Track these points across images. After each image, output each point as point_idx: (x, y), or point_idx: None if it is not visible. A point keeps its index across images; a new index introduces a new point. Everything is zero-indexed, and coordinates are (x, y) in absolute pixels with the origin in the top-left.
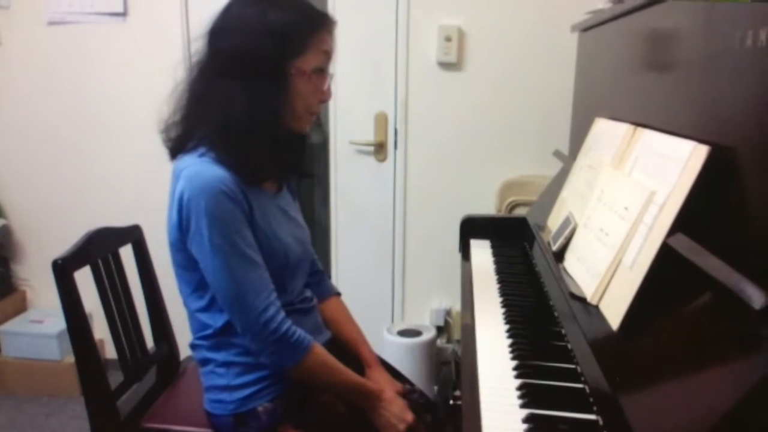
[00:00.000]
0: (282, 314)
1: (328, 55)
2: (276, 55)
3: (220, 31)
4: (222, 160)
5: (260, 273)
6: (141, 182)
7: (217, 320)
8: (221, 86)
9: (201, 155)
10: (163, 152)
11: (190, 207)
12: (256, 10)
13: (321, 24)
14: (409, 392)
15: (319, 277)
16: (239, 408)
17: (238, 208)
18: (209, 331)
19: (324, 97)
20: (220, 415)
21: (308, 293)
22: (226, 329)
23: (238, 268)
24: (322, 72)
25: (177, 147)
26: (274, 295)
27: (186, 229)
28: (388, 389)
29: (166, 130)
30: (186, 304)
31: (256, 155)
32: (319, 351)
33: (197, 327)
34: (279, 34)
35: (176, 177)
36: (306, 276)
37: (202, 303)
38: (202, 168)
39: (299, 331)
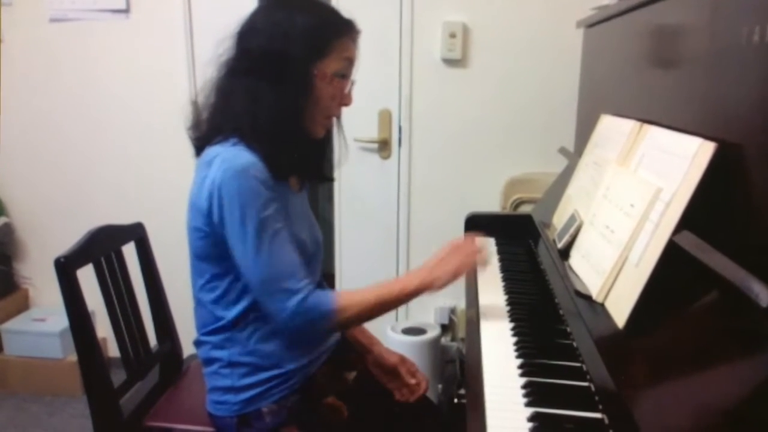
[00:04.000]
0: (311, 295)
1: (350, 61)
2: (301, 57)
3: (248, 33)
4: (253, 150)
5: (292, 256)
6: (144, 180)
7: (229, 312)
8: (249, 85)
9: (234, 144)
10: (165, 150)
11: (223, 193)
12: (284, 14)
13: (345, 30)
14: None
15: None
16: (243, 409)
17: (271, 193)
18: (220, 324)
19: (345, 101)
20: (223, 417)
21: None
22: (237, 322)
23: (271, 250)
24: (343, 77)
25: (203, 143)
26: (306, 278)
27: (219, 218)
28: (421, 270)
29: (193, 127)
30: (197, 297)
31: (281, 152)
32: (344, 303)
33: (206, 320)
34: (305, 36)
35: (207, 163)
36: (318, 276)
37: (215, 294)
38: (237, 154)
39: (321, 299)
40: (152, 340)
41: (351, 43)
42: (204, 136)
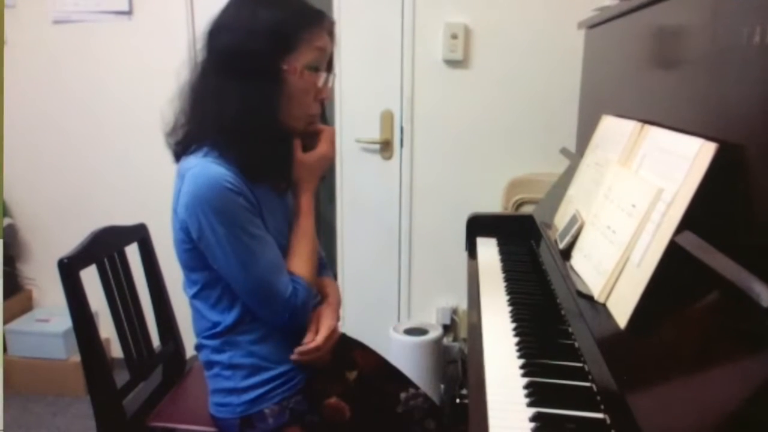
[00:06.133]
0: (297, 288)
1: (321, 51)
2: (268, 53)
3: (215, 31)
4: (224, 159)
5: (272, 254)
6: (146, 181)
7: (226, 318)
8: (217, 85)
9: (205, 155)
10: (168, 151)
11: (196, 208)
12: (249, 9)
13: (313, 21)
14: (413, 396)
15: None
16: (246, 411)
17: (243, 200)
18: (217, 329)
19: (320, 94)
20: (226, 419)
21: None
22: (234, 326)
23: (251, 257)
24: (316, 70)
25: (181, 150)
26: (287, 273)
27: (197, 232)
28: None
29: (170, 134)
30: (192, 304)
31: (257, 153)
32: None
33: (204, 326)
34: (270, 31)
35: (181, 177)
36: None
37: (209, 302)
38: (205, 167)
39: (301, 293)
40: (155, 340)
41: (321, 33)
42: (180, 143)
